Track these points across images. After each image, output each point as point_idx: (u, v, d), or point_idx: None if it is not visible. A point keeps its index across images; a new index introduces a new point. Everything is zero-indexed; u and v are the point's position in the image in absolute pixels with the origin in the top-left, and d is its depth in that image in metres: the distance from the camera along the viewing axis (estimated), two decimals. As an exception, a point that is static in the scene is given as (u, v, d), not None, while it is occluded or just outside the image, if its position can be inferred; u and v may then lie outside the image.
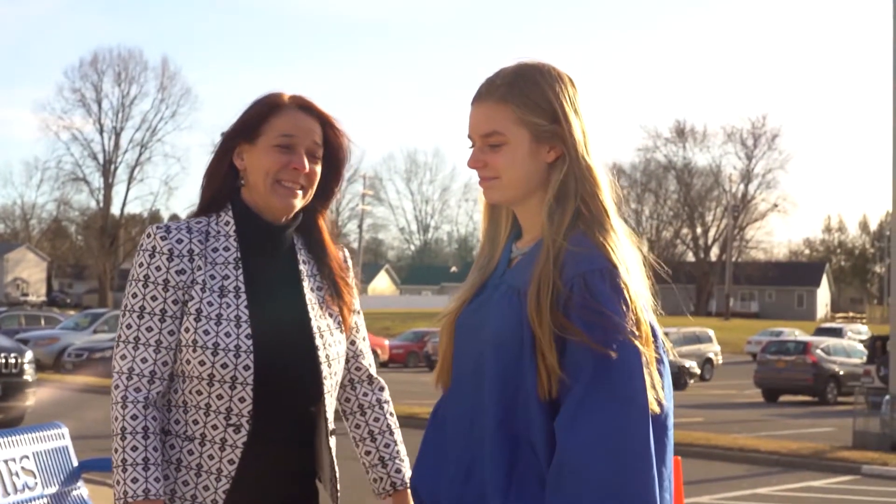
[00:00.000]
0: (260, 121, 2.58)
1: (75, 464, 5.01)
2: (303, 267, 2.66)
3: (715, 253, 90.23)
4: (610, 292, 2.11)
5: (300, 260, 2.67)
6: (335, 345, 2.63)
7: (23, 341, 24.56)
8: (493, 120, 2.24)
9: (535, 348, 2.13)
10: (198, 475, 2.49)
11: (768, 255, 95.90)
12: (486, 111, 2.25)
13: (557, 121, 2.22)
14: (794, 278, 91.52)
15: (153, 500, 2.39)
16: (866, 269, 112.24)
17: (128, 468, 2.40)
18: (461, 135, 2.32)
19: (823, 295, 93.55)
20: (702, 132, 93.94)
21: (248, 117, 2.60)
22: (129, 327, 2.50)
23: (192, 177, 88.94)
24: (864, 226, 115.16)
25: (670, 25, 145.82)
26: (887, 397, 16.69)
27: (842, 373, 28.34)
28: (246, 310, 2.52)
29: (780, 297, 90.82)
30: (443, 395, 2.35)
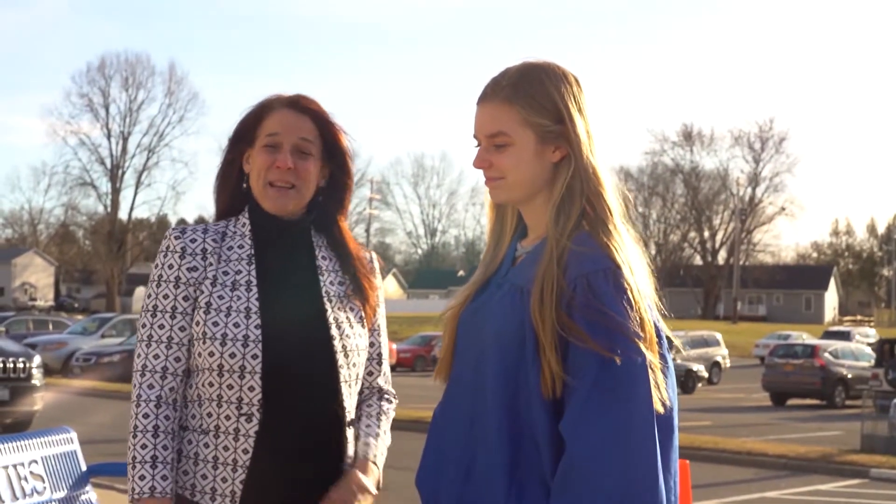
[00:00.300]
0: (255, 124, 2.63)
1: (84, 468, 5.01)
2: (322, 262, 2.67)
3: (722, 256, 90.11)
4: (613, 293, 2.11)
5: (319, 256, 2.68)
6: (354, 337, 2.63)
7: (31, 346, 24.67)
8: (498, 121, 2.23)
9: (537, 347, 2.12)
10: (215, 468, 2.51)
11: (776, 259, 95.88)
12: (492, 112, 2.24)
13: (562, 121, 2.22)
14: (801, 282, 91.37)
15: (159, 497, 2.43)
16: (874, 272, 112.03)
17: (136, 465, 2.45)
18: (468, 139, 2.32)
19: (831, 298, 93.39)
20: (709, 136, 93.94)
21: (244, 122, 2.66)
22: (143, 327, 2.56)
23: (200, 181, 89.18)
24: (871, 229, 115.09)
25: (677, 29, 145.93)
26: (895, 401, 16.66)
27: (850, 376, 28.26)
28: (256, 301, 2.54)
29: (788, 300, 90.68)
30: (443, 396, 2.35)
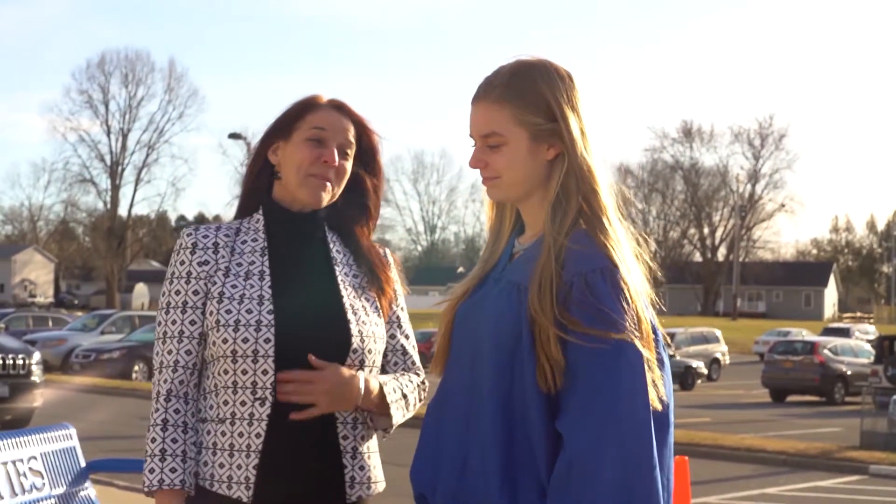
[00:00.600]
0: (296, 118, 2.66)
1: (83, 464, 5.02)
2: (336, 255, 2.70)
3: (722, 253, 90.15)
4: (611, 291, 2.11)
5: (333, 249, 2.70)
6: (370, 324, 2.63)
7: (30, 342, 24.69)
8: (491, 121, 2.24)
9: (534, 344, 2.12)
10: (231, 455, 2.52)
11: (776, 255, 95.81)
12: (485, 112, 2.25)
13: (555, 119, 2.22)
14: (801, 278, 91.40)
15: (167, 489, 2.48)
16: (874, 268, 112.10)
17: (147, 458, 2.51)
18: (467, 136, 2.32)
19: (831, 295, 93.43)
20: (709, 132, 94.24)
21: (286, 115, 2.69)
22: (159, 325, 2.62)
23: (200, 178, 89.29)
24: (871, 226, 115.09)
25: (677, 27, 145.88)
26: (895, 397, 16.68)
27: (849, 373, 28.28)
28: (269, 289, 2.57)
29: (788, 297, 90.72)
30: (438, 390, 2.35)
